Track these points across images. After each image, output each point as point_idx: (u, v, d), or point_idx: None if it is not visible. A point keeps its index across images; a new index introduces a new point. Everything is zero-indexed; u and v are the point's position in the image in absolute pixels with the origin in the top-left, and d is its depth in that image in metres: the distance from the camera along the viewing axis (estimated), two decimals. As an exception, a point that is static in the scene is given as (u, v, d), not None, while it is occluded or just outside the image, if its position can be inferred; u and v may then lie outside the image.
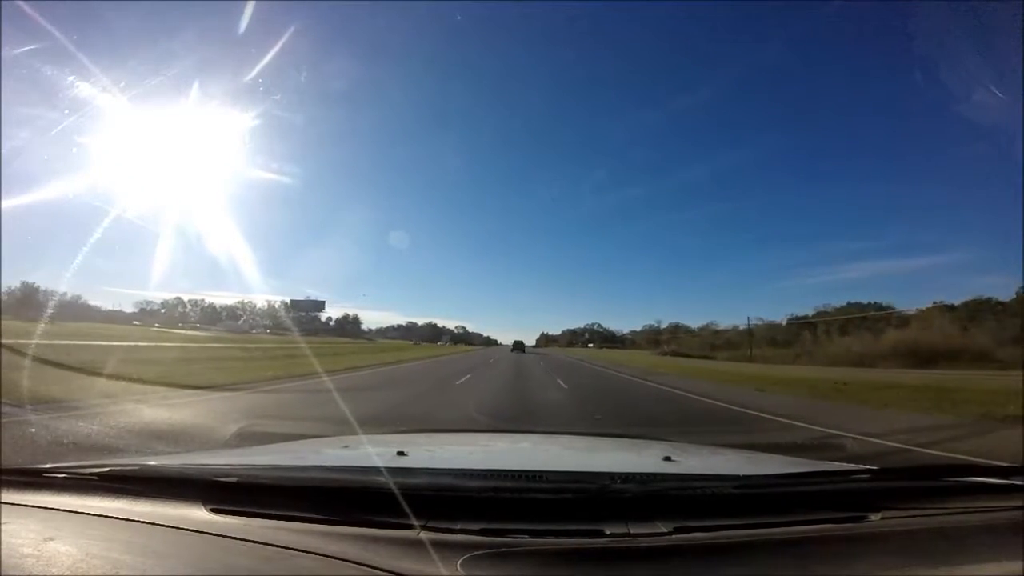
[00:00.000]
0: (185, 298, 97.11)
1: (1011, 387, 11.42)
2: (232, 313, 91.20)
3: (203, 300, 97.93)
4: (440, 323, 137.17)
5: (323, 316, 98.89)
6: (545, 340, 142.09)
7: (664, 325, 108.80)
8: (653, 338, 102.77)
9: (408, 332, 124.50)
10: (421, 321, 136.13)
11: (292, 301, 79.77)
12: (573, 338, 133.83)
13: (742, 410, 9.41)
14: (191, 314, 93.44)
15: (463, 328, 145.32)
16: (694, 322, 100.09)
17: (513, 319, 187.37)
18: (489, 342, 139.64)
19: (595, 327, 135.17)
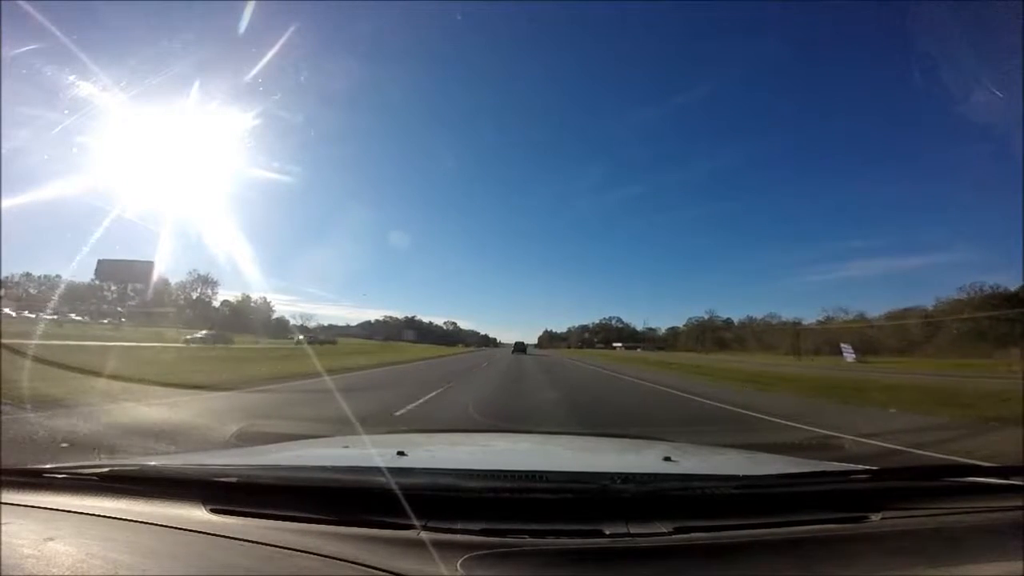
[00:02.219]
0: (36, 274, 68.77)
1: None
2: (94, 293, 61.61)
3: (59, 276, 65.14)
4: (427, 319, 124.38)
5: (216, 300, 73.51)
6: (548, 339, 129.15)
7: (707, 318, 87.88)
8: (715, 336, 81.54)
9: (382, 328, 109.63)
10: (401, 316, 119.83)
11: (99, 262, 46.07)
12: (586, 336, 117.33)
13: None
14: (42, 294, 62.40)
15: (453, 324, 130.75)
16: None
17: (514, 317, 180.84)
18: (486, 342, 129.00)
19: (613, 322, 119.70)
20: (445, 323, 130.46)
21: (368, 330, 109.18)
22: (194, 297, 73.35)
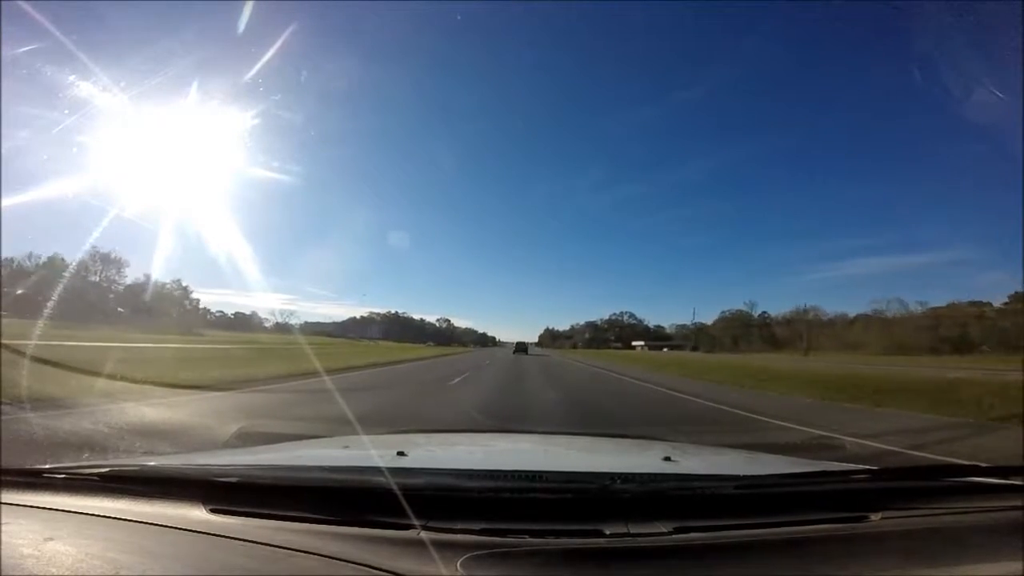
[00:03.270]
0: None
1: None
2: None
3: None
4: (418, 316, 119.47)
5: (122, 285, 56.56)
6: (550, 338, 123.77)
7: (744, 310, 70.66)
8: (760, 333, 66.86)
9: (362, 325, 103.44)
10: (385, 312, 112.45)
11: None
12: (588, 336, 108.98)
13: None
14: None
15: (447, 321, 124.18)
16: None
17: (513, 314, 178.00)
18: (484, 341, 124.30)
19: (624, 318, 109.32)
20: (438, 320, 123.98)
21: (350, 327, 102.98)
22: (93, 281, 55.98)
